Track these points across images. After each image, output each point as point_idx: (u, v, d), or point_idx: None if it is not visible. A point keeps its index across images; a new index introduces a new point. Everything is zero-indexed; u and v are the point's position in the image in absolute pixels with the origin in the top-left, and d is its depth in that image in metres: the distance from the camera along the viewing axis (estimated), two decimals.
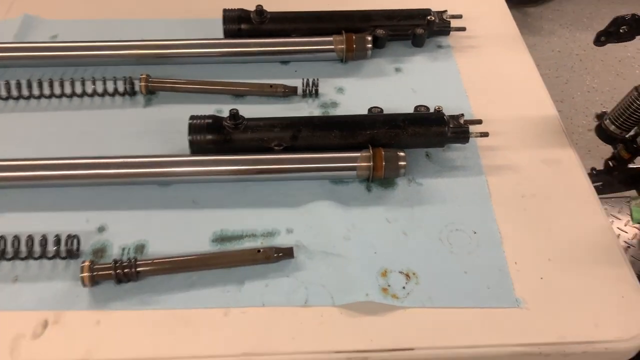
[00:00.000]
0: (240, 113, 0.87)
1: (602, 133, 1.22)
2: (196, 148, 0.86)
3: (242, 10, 1.08)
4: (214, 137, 0.85)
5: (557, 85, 2.54)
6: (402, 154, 0.84)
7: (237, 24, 1.07)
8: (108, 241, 0.79)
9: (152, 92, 1.00)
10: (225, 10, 1.07)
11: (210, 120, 0.86)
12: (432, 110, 0.91)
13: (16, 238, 0.76)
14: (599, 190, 1.29)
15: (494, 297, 0.74)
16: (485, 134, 0.90)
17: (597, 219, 0.83)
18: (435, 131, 0.88)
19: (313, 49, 1.06)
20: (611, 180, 1.32)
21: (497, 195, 0.86)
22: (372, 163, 0.83)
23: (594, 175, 1.34)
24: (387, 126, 0.87)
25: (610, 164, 1.31)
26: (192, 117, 0.87)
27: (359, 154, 0.84)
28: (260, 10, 1.06)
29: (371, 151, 0.84)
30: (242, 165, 0.85)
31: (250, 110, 0.90)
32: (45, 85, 0.98)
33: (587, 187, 0.88)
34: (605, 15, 2.86)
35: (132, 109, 0.98)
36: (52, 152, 0.89)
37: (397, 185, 0.87)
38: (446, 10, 1.12)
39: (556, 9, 2.97)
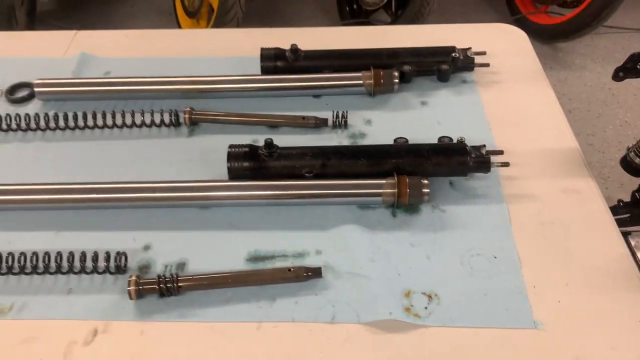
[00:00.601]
0: (275, 142, 0.94)
1: (628, 165, 1.24)
2: (234, 174, 0.93)
3: (277, 49, 1.17)
4: (250, 164, 0.92)
5: (589, 119, 2.55)
6: (425, 181, 0.89)
7: (274, 61, 1.15)
8: (152, 259, 0.86)
9: (195, 123, 1.08)
10: (262, 49, 1.16)
11: (247, 149, 0.94)
12: (455, 141, 0.96)
13: (71, 254, 0.84)
14: (627, 222, 1.31)
15: (513, 319, 0.77)
16: (506, 164, 0.94)
17: (615, 246, 0.86)
18: (457, 161, 0.93)
19: (343, 84, 1.13)
20: (639, 212, 1.33)
21: (517, 222, 0.90)
22: (397, 190, 0.88)
23: (621, 207, 1.35)
24: (411, 155, 0.93)
25: (637, 195, 1.33)
26: (231, 146, 0.94)
27: (384, 181, 0.89)
28: (295, 49, 1.14)
29: (396, 178, 0.89)
30: (275, 190, 0.91)
31: (284, 139, 0.97)
32: (99, 116, 1.08)
33: (606, 216, 0.90)
34: (637, 49, 2.87)
35: (177, 138, 1.07)
36: (105, 176, 0.98)
37: (421, 211, 0.92)
38: (470, 48, 1.18)
39: (588, 44, 2.99)
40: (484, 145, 0.95)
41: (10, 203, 0.92)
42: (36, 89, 1.13)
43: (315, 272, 0.81)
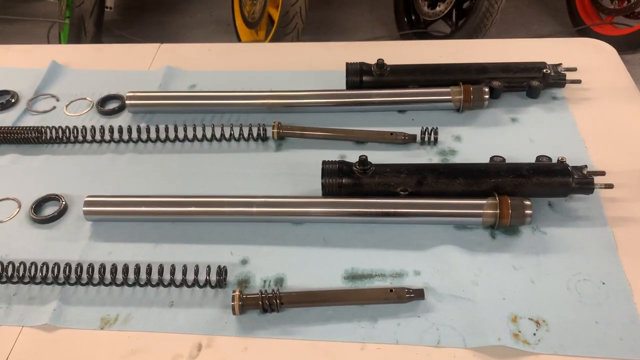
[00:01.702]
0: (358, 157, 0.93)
1: None
2: (328, 190, 0.92)
3: (363, 63, 1.16)
4: (344, 180, 0.92)
5: None
6: (528, 202, 0.87)
7: (359, 76, 1.15)
8: (251, 273, 0.86)
9: (282, 137, 1.09)
10: (348, 64, 1.16)
11: (342, 165, 0.93)
12: (555, 161, 0.94)
13: (172, 267, 0.85)
14: None
15: (628, 349, 0.74)
16: (610, 186, 0.91)
17: None
18: (559, 181, 0.90)
19: (431, 99, 1.12)
20: None
21: (624, 247, 0.86)
22: (498, 211, 0.86)
23: None
24: (511, 175, 0.90)
25: None
26: (325, 163, 0.94)
27: (485, 201, 0.87)
28: (381, 64, 1.14)
29: (497, 199, 0.87)
30: (370, 208, 0.90)
31: (372, 155, 0.95)
32: (190, 129, 1.09)
33: None
34: None
35: (265, 152, 1.08)
36: (196, 188, 1.00)
37: (521, 233, 0.89)
38: (561, 64, 1.15)
39: None
40: (586, 166, 0.92)
41: (111, 214, 0.94)
42: (127, 102, 1.16)
43: (417, 294, 0.80)
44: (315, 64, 1.29)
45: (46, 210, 0.98)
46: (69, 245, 0.92)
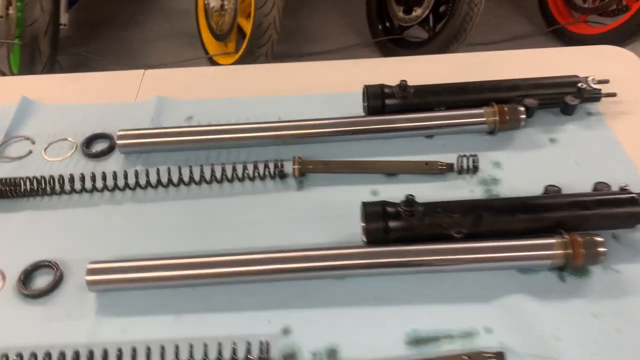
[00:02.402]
0: (394, 193, 0.84)
1: None
2: (373, 237, 0.81)
3: (383, 85, 1.05)
4: (391, 224, 0.80)
5: None
6: (600, 239, 0.78)
7: (381, 99, 1.03)
8: (296, 345, 0.74)
9: (303, 174, 0.96)
10: (367, 87, 1.04)
11: (385, 207, 0.82)
12: (615, 188, 0.85)
13: (205, 347, 0.72)
14: None
15: None
16: None
17: None
18: (627, 212, 0.81)
19: (462, 122, 1.02)
20: None
21: None
22: (570, 251, 0.77)
23: None
24: (575, 208, 0.81)
25: None
26: (367, 205, 0.83)
27: (554, 241, 0.78)
28: (404, 86, 1.03)
29: (567, 237, 0.78)
30: (425, 256, 0.79)
31: (406, 190, 0.84)
32: (196, 170, 0.96)
33: None
34: None
35: (285, 192, 0.95)
36: (210, 242, 0.87)
37: (591, 273, 0.80)
38: (591, 76, 1.07)
39: None
40: None
41: (121, 283, 0.79)
42: (118, 142, 1.01)
43: (498, 357, 0.69)
44: (325, 86, 1.16)
45: (38, 282, 0.83)
46: (72, 324, 0.77)
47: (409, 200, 0.81)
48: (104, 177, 0.95)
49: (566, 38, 2.83)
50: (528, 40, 2.88)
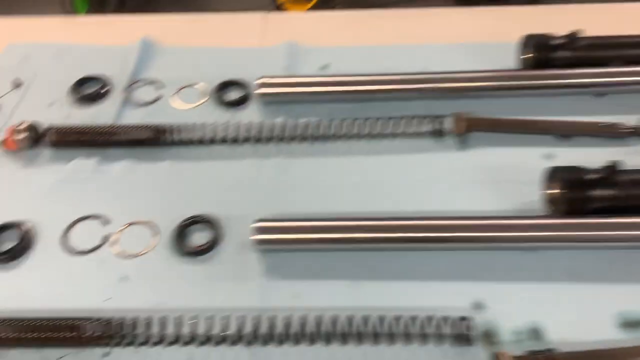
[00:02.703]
0: (568, 157, 0.79)
1: None
2: (571, 207, 0.72)
3: (544, 36, 0.94)
4: (593, 193, 0.71)
5: None
6: None
7: (545, 52, 0.92)
8: (493, 322, 0.66)
9: (466, 132, 0.87)
10: (527, 37, 0.94)
11: (580, 173, 0.73)
12: None
13: (397, 318, 0.65)
14: None
15: None
16: None
17: None
18: None
19: None
20: None
21: None
22: None
23: None
24: None
25: None
26: (557, 170, 0.74)
27: None
28: (573, 36, 0.91)
29: None
30: (633, 231, 0.70)
31: (584, 154, 0.78)
32: (345, 125, 0.87)
33: None
34: None
35: (444, 153, 0.86)
36: (365, 205, 0.79)
37: None
38: None
39: None
40: None
41: (290, 243, 0.73)
42: (258, 90, 0.92)
43: None
44: (467, 34, 1.05)
45: (193, 239, 0.76)
46: (240, 286, 0.71)
47: (612, 167, 0.72)
48: (250, 128, 0.87)
49: None
50: None
